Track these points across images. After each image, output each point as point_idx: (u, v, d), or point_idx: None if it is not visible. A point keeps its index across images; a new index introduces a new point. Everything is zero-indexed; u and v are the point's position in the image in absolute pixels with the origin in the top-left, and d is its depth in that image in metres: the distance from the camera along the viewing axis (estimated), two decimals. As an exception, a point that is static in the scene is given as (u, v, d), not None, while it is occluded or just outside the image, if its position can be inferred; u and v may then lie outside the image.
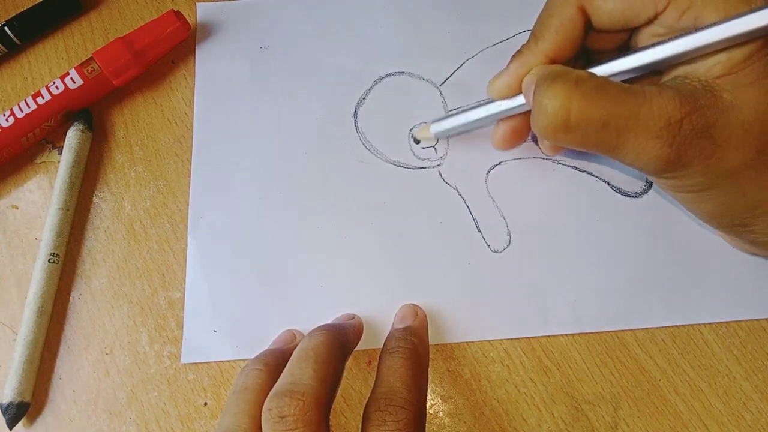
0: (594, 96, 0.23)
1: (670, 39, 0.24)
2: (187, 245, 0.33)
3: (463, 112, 0.31)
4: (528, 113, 0.30)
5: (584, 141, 0.24)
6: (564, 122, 0.23)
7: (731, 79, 0.23)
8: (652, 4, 0.25)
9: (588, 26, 0.27)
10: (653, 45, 0.24)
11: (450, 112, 0.33)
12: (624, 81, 0.25)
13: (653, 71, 0.26)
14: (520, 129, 0.31)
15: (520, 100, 0.29)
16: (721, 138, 0.23)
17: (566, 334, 0.31)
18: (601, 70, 0.26)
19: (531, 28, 0.28)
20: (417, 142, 0.35)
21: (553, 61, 0.27)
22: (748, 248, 0.31)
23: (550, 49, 0.27)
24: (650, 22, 0.26)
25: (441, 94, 0.36)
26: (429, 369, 0.30)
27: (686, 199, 0.27)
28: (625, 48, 0.29)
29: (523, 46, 0.28)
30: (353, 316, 0.31)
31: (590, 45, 0.29)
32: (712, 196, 0.25)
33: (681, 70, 0.25)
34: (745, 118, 0.23)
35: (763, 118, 0.23)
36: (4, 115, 0.34)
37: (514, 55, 0.28)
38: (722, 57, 0.23)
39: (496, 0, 0.38)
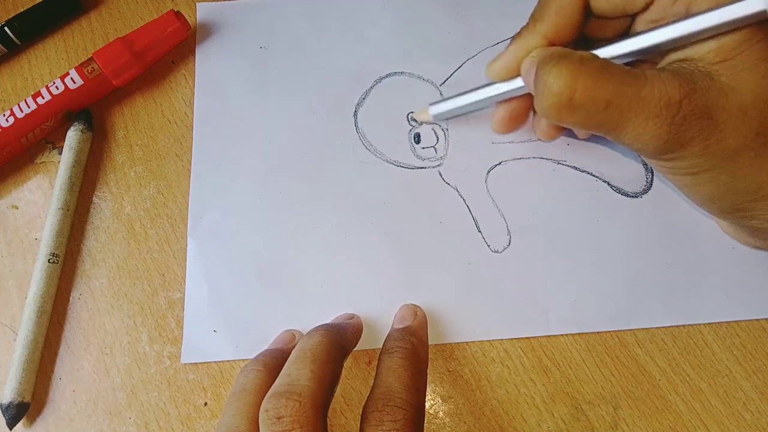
0: (599, 76, 0.23)
1: (667, 24, 0.24)
2: (187, 245, 0.33)
3: (462, 94, 0.32)
4: (526, 96, 0.30)
5: (587, 120, 0.24)
6: (568, 101, 0.24)
7: (728, 64, 0.24)
8: None
9: (587, 11, 0.27)
10: (651, 29, 0.25)
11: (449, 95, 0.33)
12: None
13: (650, 57, 0.26)
14: (519, 112, 0.31)
15: (519, 82, 0.29)
16: (720, 119, 0.23)
17: (566, 334, 0.31)
18: (601, 53, 0.26)
19: None
20: (417, 141, 0.35)
21: (551, 44, 0.27)
22: (749, 240, 0.31)
23: (549, 31, 0.27)
24: (646, 8, 0.26)
25: (441, 94, 0.36)
26: (429, 369, 0.30)
27: (685, 183, 0.27)
28: (625, 37, 0.29)
29: (522, 28, 0.28)
30: (353, 316, 0.31)
31: (590, 33, 0.29)
32: (711, 179, 0.25)
33: (678, 56, 0.25)
34: (743, 101, 0.23)
35: (761, 101, 0.23)
36: (4, 115, 0.34)
37: (513, 37, 0.28)
38: (713, 44, 0.24)
39: (496, 0, 0.38)
